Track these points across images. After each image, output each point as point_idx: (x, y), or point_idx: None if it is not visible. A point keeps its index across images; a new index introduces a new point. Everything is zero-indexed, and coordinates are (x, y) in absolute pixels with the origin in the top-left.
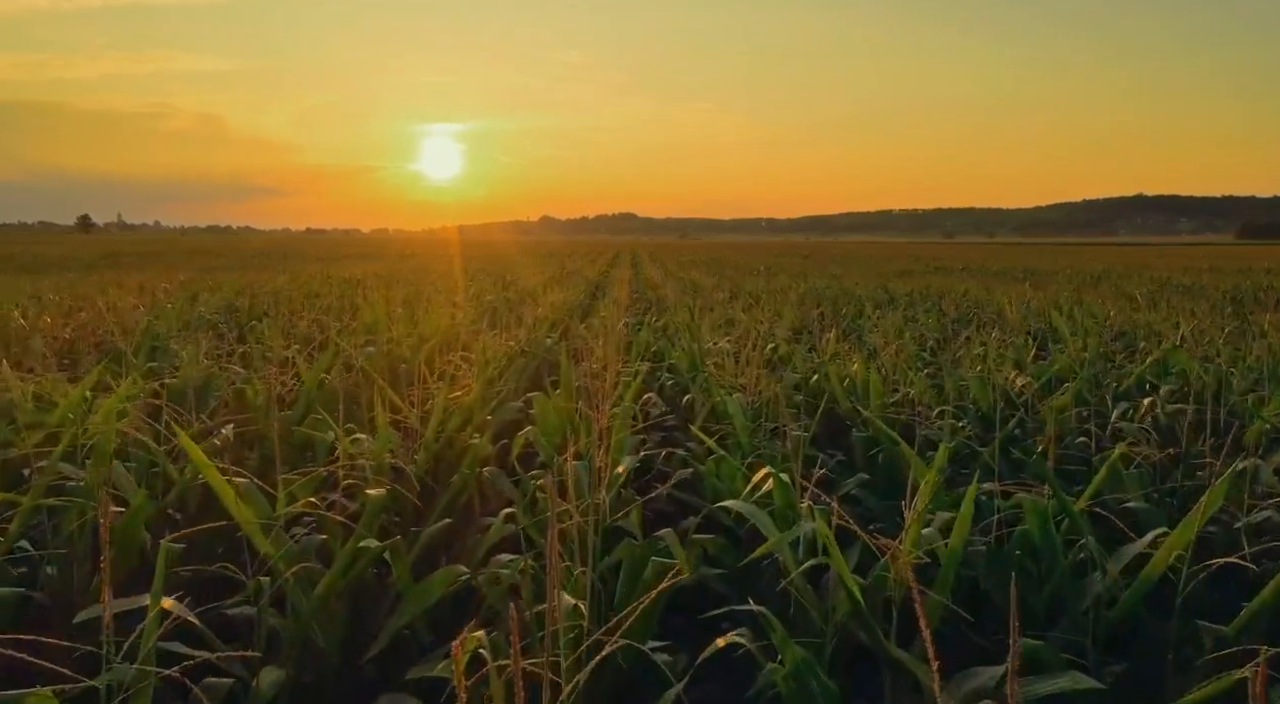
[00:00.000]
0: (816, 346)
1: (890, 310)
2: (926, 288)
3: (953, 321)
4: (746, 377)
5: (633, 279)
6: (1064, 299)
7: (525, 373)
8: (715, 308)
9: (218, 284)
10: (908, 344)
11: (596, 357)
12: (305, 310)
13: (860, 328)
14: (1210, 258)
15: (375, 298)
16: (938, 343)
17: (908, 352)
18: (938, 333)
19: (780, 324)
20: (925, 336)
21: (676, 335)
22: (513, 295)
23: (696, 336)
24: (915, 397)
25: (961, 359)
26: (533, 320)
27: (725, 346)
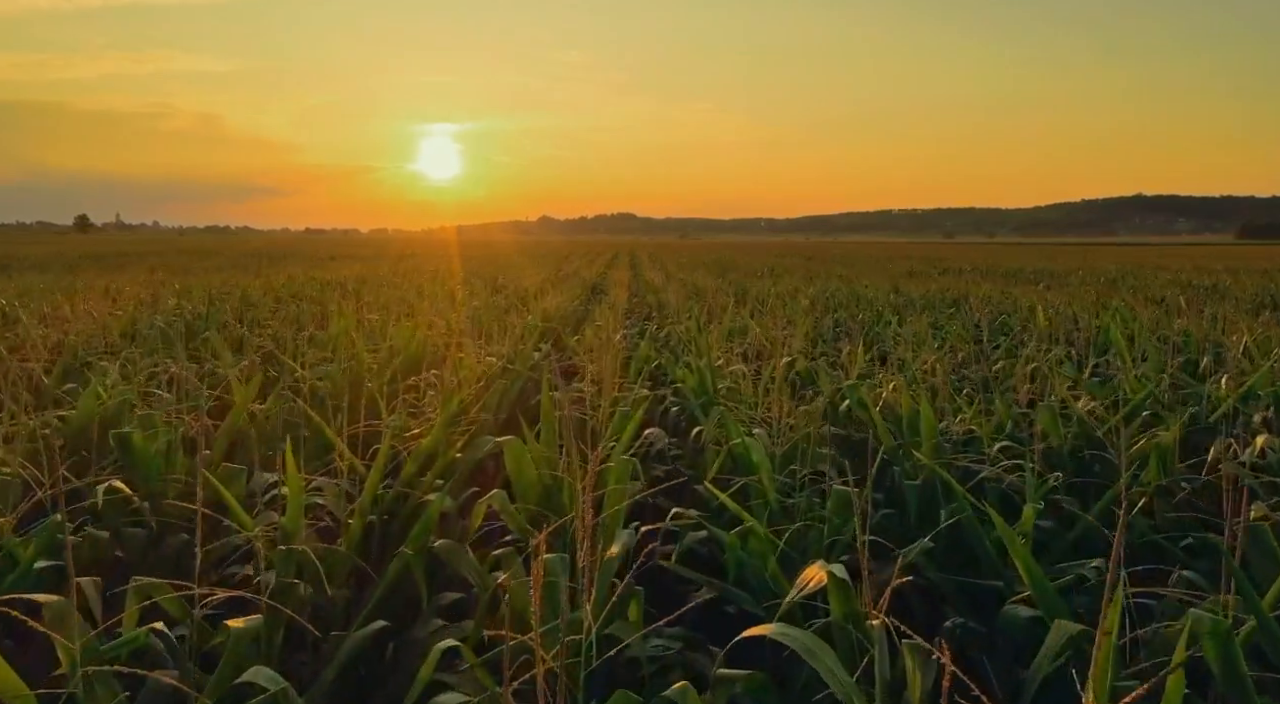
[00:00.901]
0: (839, 361)
1: (909, 316)
2: (941, 290)
3: (979, 328)
4: (767, 404)
5: (632, 281)
6: (1090, 303)
7: (507, 397)
8: (721, 313)
9: (187, 288)
10: (941, 358)
11: (591, 374)
12: (273, 318)
13: (881, 336)
14: (1215, 258)
15: (347, 305)
16: (971, 356)
17: (944, 368)
18: (969, 344)
19: (794, 333)
20: (954, 347)
21: (680, 348)
22: (503, 300)
23: (704, 350)
24: (965, 428)
25: (1000, 374)
26: (521, 330)
27: (740, 368)
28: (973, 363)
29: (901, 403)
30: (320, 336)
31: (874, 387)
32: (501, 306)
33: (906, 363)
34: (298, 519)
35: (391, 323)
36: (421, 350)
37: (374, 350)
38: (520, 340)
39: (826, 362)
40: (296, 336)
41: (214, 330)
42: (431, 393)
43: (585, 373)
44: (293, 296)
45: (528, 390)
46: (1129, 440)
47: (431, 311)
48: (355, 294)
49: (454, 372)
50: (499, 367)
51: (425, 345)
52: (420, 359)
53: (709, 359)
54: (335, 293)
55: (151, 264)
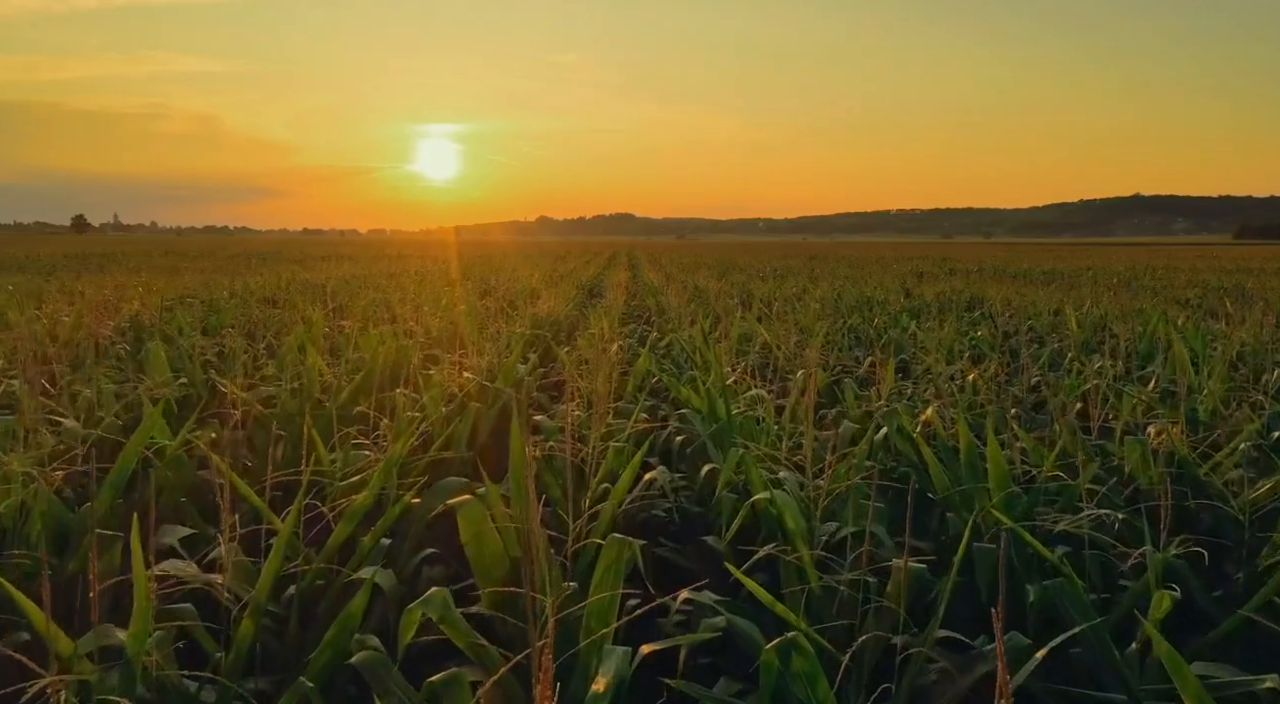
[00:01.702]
0: (859, 373)
1: (928, 320)
2: (954, 292)
3: (1007, 335)
4: (793, 436)
5: (630, 283)
6: (1120, 306)
7: (484, 423)
8: (726, 316)
9: (161, 290)
10: (980, 372)
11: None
12: (236, 325)
13: (900, 343)
14: (1217, 258)
15: (314, 311)
16: (1003, 367)
17: (985, 385)
18: (996, 352)
19: (808, 341)
20: (985, 356)
21: (683, 358)
22: (492, 304)
23: (711, 363)
24: (1049, 473)
25: (1045, 390)
26: (508, 339)
27: (759, 392)
28: (1008, 376)
29: (945, 431)
30: (280, 346)
31: (910, 407)
32: (490, 311)
33: (936, 377)
34: (142, 638)
35: (366, 330)
36: (391, 364)
37: (336, 363)
38: (506, 350)
39: (845, 374)
40: (251, 347)
41: (157, 340)
42: (391, 421)
43: (576, 391)
44: (266, 300)
45: (508, 416)
46: (1246, 485)
47: (413, 316)
48: (335, 296)
49: (421, 393)
50: (476, 385)
51: (397, 358)
52: (388, 375)
53: (717, 373)
54: (316, 295)
55: (136, 265)
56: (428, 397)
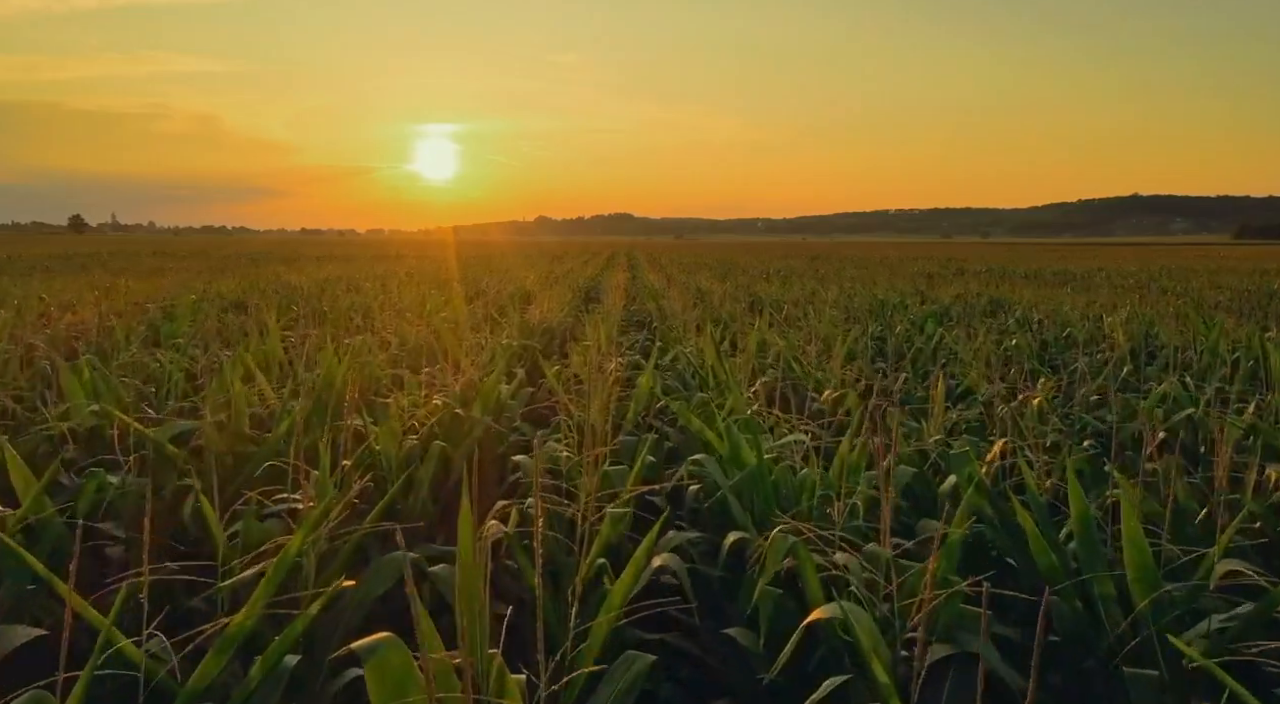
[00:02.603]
0: (893, 389)
1: (953, 326)
2: (971, 295)
3: (1046, 344)
4: (839, 486)
5: (629, 285)
6: (1161, 312)
7: (448, 468)
8: (733, 322)
9: (123, 293)
10: (1041, 394)
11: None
12: (190, 336)
13: (928, 352)
14: (1225, 258)
15: (273, 323)
16: (1054, 384)
17: (1052, 413)
18: (1032, 361)
19: (830, 354)
20: (1023, 368)
21: (690, 374)
22: (481, 309)
23: (729, 385)
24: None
25: (1112, 415)
26: (491, 353)
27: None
28: (1063, 394)
29: (1036, 485)
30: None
31: (972, 443)
32: (478, 317)
33: (984, 398)
34: None
35: (336, 340)
36: (351, 385)
37: (286, 385)
38: (489, 365)
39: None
40: (195, 363)
41: (82, 358)
42: (337, 466)
43: (568, 416)
44: (235, 305)
45: (488, 447)
46: None
47: (394, 323)
48: (311, 300)
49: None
50: (449, 413)
51: (359, 377)
52: (347, 399)
53: (736, 400)
54: (291, 299)
55: (122, 267)
56: (382, 431)
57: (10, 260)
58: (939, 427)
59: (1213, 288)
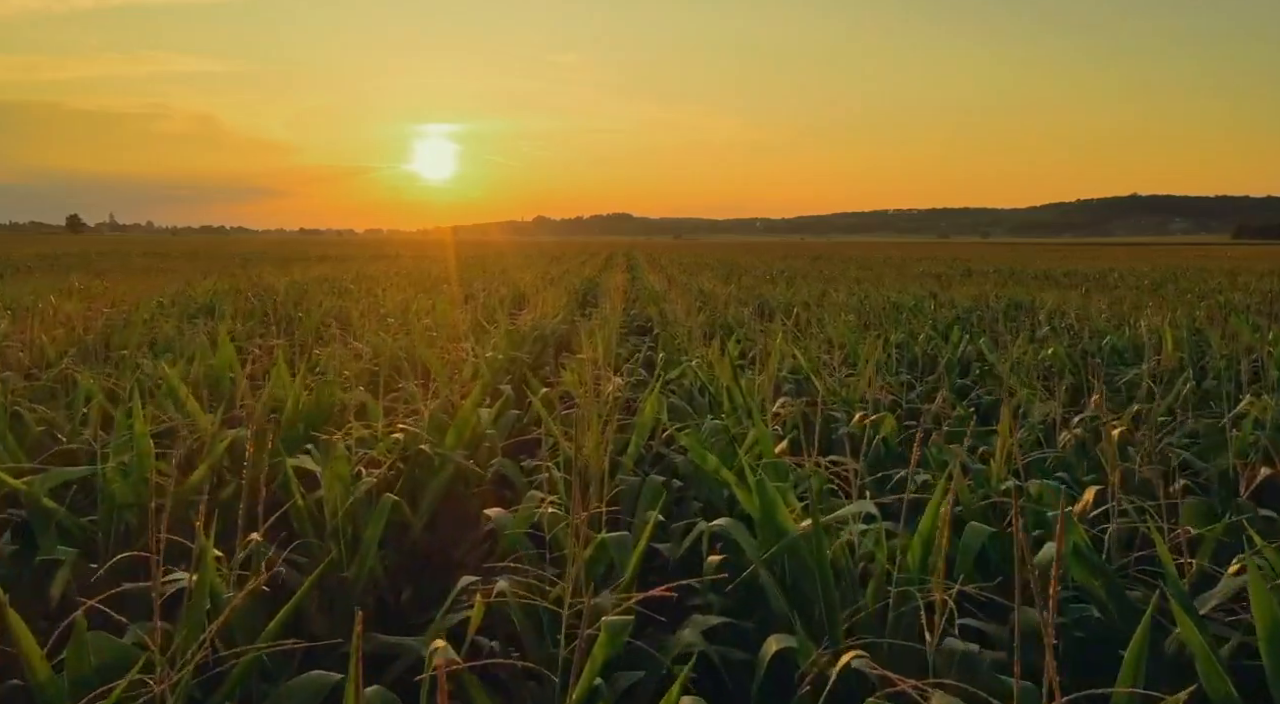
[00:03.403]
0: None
1: (979, 332)
2: (990, 297)
3: (1087, 354)
4: (915, 570)
5: (628, 287)
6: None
7: (403, 531)
8: (739, 328)
9: (85, 295)
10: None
11: (564, 454)
12: (140, 348)
13: (967, 366)
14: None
15: (223, 335)
16: (1107, 403)
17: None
18: (1080, 373)
19: (859, 372)
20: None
21: (701, 394)
22: (468, 316)
23: (753, 418)
24: None
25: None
26: (473, 371)
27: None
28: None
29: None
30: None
31: (1052, 487)
32: (464, 324)
33: (1042, 423)
34: None
35: (306, 350)
36: (306, 412)
37: (233, 406)
38: (468, 384)
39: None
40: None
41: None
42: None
43: (551, 465)
44: (204, 310)
45: (457, 495)
46: None
47: (372, 331)
48: (286, 305)
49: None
50: (415, 447)
51: (314, 400)
52: (293, 432)
53: (765, 445)
54: (265, 303)
55: (107, 267)
56: (327, 474)
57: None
58: (1002, 460)
59: (1233, 289)
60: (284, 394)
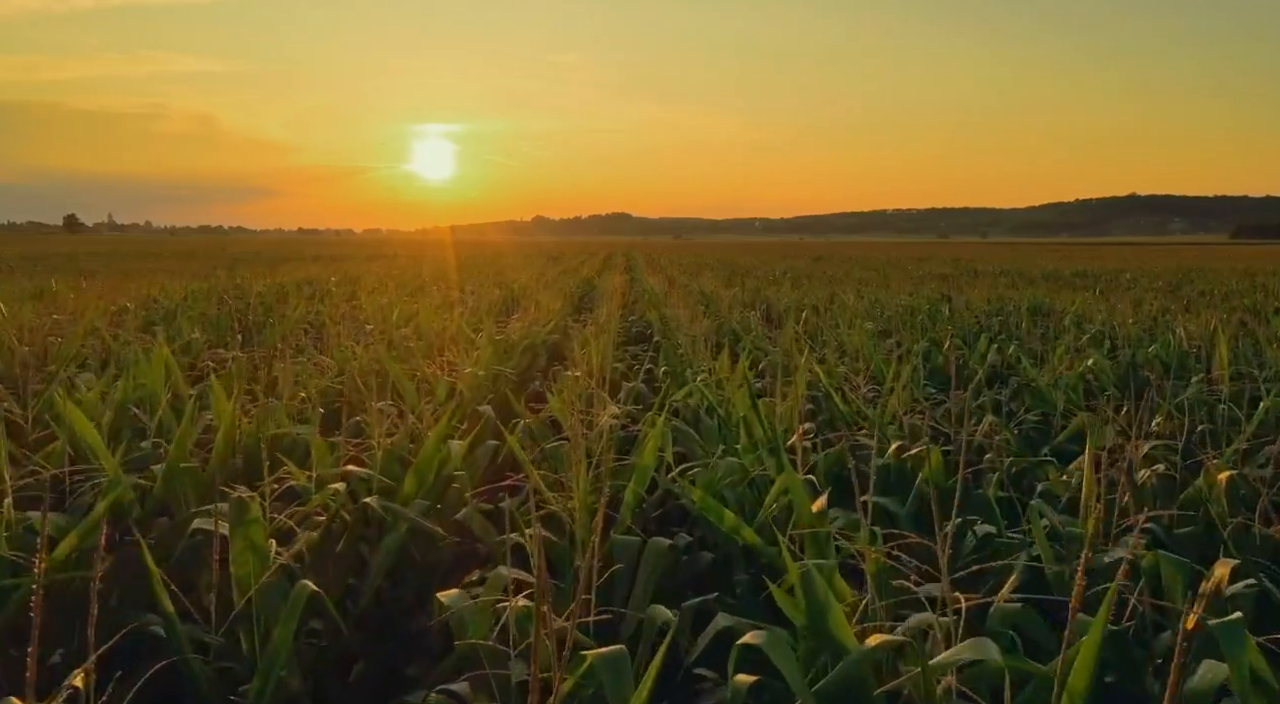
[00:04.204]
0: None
1: (1005, 341)
2: (1009, 301)
3: (1134, 366)
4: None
5: (627, 289)
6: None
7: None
8: (749, 335)
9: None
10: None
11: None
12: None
13: (1005, 379)
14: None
15: (161, 350)
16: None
17: None
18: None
19: (888, 391)
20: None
21: (710, 415)
22: (453, 324)
23: (779, 459)
24: None
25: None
26: (449, 390)
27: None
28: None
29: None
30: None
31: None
32: (449, 332)
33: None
34: None
35: (268, 362)
36: (243, 444)
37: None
38: (442, 407)
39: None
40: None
41: None
42: None
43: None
44: (167, 317)
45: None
46: None
47: (347, 340)
48: (256, 310)
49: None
50: (356, 502)
51: (249, 435)
52: (229, 469)
53: (794, 489)
54: (236, 308)
55: (93, 268)
56: (239, 543)
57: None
58: (1089, 515)
59: (1255, 291)
60: (224, 420)
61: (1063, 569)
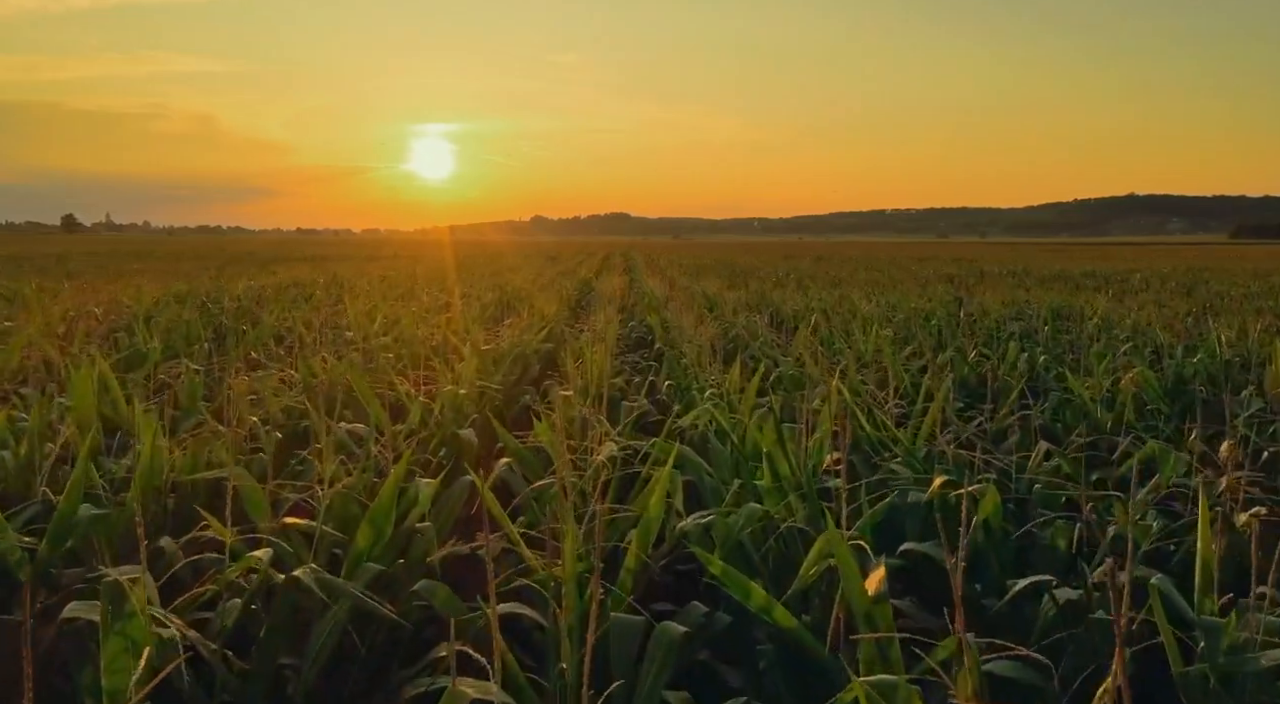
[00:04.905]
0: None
1: (1037, 348)
2: (1021, 303)
3: (1182, 380)
4: None
5: (626, 292)
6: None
7: None
8: (757, 342)
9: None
10: None
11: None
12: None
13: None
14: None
15: (83, 377)
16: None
17: None
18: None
19: (919, 413)
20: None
21: (723, 442)
22: (437, 333)
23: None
24: None
25: None
26: (422, 412)
27: None
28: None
29: None
30: None
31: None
32: (436, 338)
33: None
34: None
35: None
36: (170, 488)
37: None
38: (413, 434)
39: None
40: None
41: None
42: None
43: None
44: (128, 327)
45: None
46: None
47: (324, 350)
48: (238, 316)
49: None
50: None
51: (189, 470)
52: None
53: (843, 558)
54: (205, 313)
55: (79, 269)
56: (111, 647)
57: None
58: (1205, 589)
59: (1274, 293)
60: (139, 461)
61: (1201, 671)
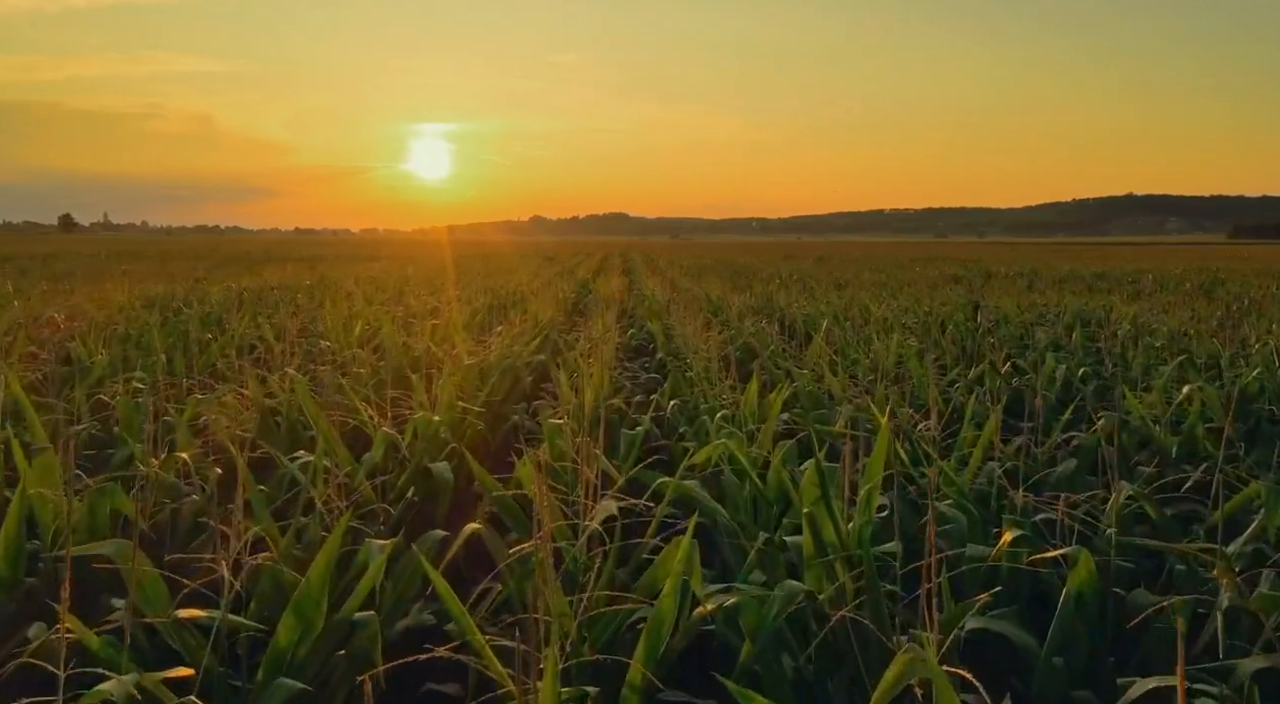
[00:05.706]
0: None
1: (1074, 360)
2: (1038, 307)
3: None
4: None
5: (625, 295)
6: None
7: None
8: (768, 351)
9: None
10: None
11: None
12: None
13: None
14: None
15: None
16: None
17: None
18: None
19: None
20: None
21: (739, 485)
22: (421, 344)
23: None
24: None
25: None
26: (386, 442)
27: None
28: None
29: None
30: None
31: None
32: (411, 356)
33: None
34: None
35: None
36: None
37: None
38: (378, 466)
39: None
40: None
41: None
42: None
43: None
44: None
45: None
46: None
47: (292, 362)
48: (204, 323)
49: None
50: None
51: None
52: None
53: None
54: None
55: (65, 270)
56: None
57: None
58: None
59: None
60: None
61: None
